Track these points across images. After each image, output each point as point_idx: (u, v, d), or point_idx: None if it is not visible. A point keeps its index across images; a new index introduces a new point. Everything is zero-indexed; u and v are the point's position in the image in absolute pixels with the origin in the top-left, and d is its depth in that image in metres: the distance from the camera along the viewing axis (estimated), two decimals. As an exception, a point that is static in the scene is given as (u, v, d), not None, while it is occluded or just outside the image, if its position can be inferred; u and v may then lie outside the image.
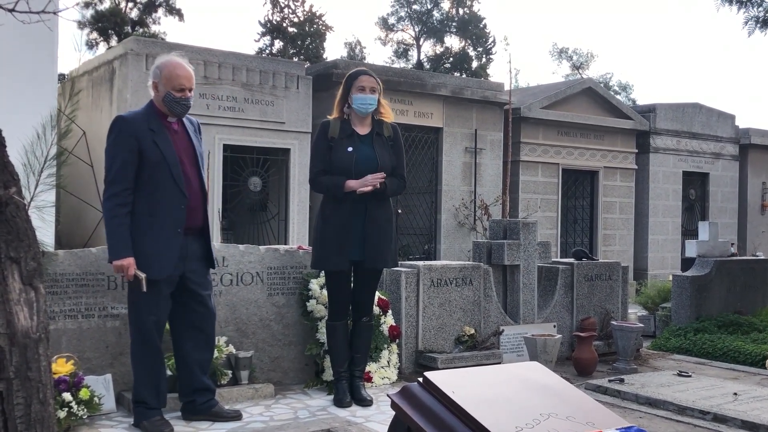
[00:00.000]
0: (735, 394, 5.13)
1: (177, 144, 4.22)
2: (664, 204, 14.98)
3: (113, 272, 4.20)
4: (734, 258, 8.80)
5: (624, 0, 65.82)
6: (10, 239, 1.65)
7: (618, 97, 27.56)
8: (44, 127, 4.11)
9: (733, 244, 12.48)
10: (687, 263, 9.48)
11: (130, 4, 28.79)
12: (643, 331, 6.95)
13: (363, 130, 4.77)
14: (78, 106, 9.83)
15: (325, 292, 5.06)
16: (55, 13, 1.85)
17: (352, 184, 4.59)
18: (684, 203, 15.48)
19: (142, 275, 4.01)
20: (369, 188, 4.58)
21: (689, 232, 14.97)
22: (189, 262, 4.25)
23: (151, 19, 29.02)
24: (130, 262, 3.99)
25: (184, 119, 4.34)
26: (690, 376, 5.71)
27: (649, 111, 15.04)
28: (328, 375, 5.11)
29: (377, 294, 5.41)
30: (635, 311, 9.14)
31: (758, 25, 9.59)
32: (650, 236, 14.71)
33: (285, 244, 9.99)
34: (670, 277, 8.70)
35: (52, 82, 6.87)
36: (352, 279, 4.88)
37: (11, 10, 1.77)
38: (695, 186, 15.83)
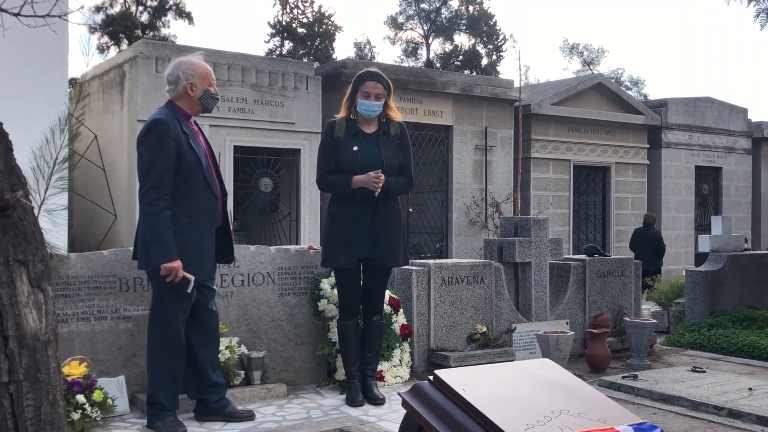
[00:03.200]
0: (750, 389, 5.09)
1: (203, 145, 4.28)
2: (676, 199, 14.91)
3: (162, 273, 3.99)
4: (748, 252, 8.75)
5: (634, -5, 65.51)
6: (18, 242, 1.66)
7: (629, 92, 27.44)
8: (53, 131, 4.13)
9: (746, 239, 12.41)
10: (700, 258, 9.44)
11: (140, 8, 28.94)
12: (657, 327, 6.92)
13: (369, 129, 4.78)
14: (86, 109, 9.88)
15: (336, 291, 5.06)
16: (60, 16, 1.86)
17: (357, 179, 4.61)
18: (697, 198, 15.39)
19: (191, 277, 4.02)
20: (378, 188, 4.58)
21: (702, 227, 14.89)
22: None
23: (161, 23, 29.16)
24: (179, 264, 3.99)
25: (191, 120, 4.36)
26: (704, 372, 5.68)
27: (660, 106, 14.97)
28: (341, 374, 5.11)
29: (388, 293, 5.41)
30: (648, 307, 9.08)
31: (769, 18, 9.52)
32: (663, 231, 14.62)
33: (296, 244, 10.02)
34: (684, 273, 8.66)
35: (62, 86, 6.90)
36: (362, 277, 4.88)
37: (17, 14, 1.78)
38: (708, 181, 15.74)
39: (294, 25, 31.35)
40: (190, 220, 4.09)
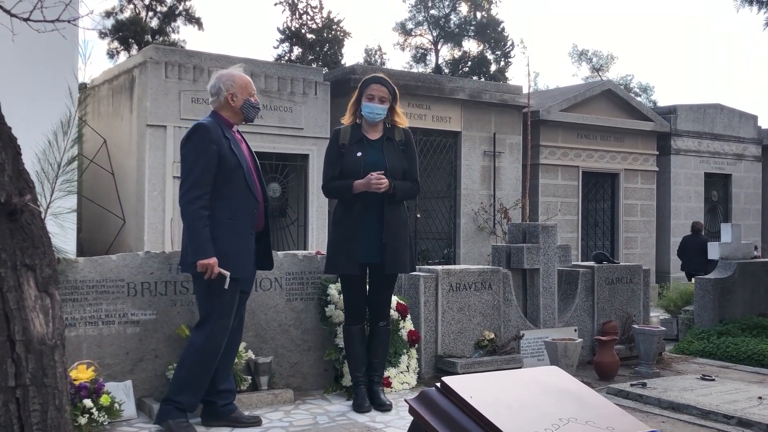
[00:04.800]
0: (760, 398, 5.05)
1: (245, 151, 4.40)
2: (686, 206, 14.85)
3: (198, 270, 4.07)
4: (758, 260, 8.70)
5: (644, 1, 65.43)
6: (26, 246, 1.66)
7: (638, 98, 27.38)
8: (56, 134, 4.15)
9: (756, 246, 12.35)
10: (710, 265, 9.38)
11: (150, 14, 29.07)
12: (666, 335, 6.88)
13: (374, 135, 4.80)
14: (88, 110, 9.89)
15: (342, 296, 5.05)
16: (69, 21, 1.86)
17: (358, 183, 4.62)
18: (706, 205, 15.33)
19: (227, 273, 4.10)
20: (383, 187, 4.57)
21: (712, 234, 14.81)
22: None
23: (170, 28, 29.28)
24: (215, 260, 4.08)
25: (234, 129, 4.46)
26: (713, 380, 5.64)
27: (669, 112, 14.92)
28: (348, 380, 5.10)
29: (396, 299, 5.40)
30: (657, 314, 9.05)
31: (779, 25, 9.48)
32: (672, 239, 14.58)
33: (304, 249, 10.02)
34: (693, 280, 8.61)
35: (67, 89, 6.92)
36: (368, 283, 4.88)
37: (26, 19, 1.79)
38: (717, 187, 15.67)
39: (303, 31, 31.43)
40: (231, 221, 4.20)
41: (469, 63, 36.10)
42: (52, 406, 1.68)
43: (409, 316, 5.54)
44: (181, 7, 29.07)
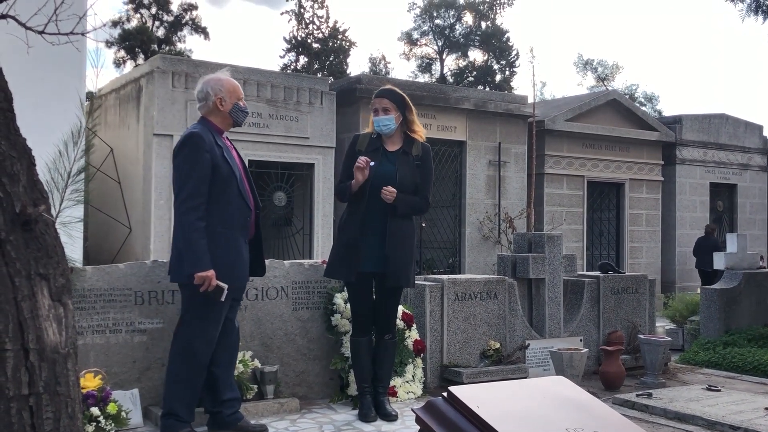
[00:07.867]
0: (766, 408, 5.05)
1: (236, 159, 4.37)
2: (691, 216, 14.83)
3: (196, 282, 3.99)
4: (764, 270, 8.69)
5: (649, 11, 65.53)
6: (39, 256, 1.69)
7: (643, 108, 27.38)
8: (66, 144, 4.18)
9: (762, 256, 12.35)
10: (716, 276, 9.39)
11: (157, 23, 29.23)
12: (671, 345, 6.88)
13: (392, 146, 4.83)
14: (98, 121, 9.95)
15: (349, 306, 5.07)
16: (83, 34, 1.89)
17: (354, 181, 4.64)
18: (712, 215, 15.31)
19: (224, 285, 4.06)
20: (390, 198, 4.59)
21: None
22: None
23: (177, 38, 29.45)
24: (213, 272, 4.03)
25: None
26: (719, 391, 5.63)
27: (675, 122, 14.93)
28: (353, 389, 5.10)
29: (401, 308, 5.41)
30: (663, 324, 9.03)
31: (785, 35, 9.49)
32: (678, 248, 14.57)
33: (309, 258, 10.03)
34: (699, 290, 8.60)
35: (77, 100, 6.97)
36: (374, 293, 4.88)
37: (41, 32, 1.82)
38: (723, 197, 15.66)
39: (309, 41, 31.56)
40: (225, 230, 4.15)
41: (474, 72, 36.20)
42: (64, 414, 1.70)
43: (414, 326, 5.55)
44: (187, 17, 29.26)
